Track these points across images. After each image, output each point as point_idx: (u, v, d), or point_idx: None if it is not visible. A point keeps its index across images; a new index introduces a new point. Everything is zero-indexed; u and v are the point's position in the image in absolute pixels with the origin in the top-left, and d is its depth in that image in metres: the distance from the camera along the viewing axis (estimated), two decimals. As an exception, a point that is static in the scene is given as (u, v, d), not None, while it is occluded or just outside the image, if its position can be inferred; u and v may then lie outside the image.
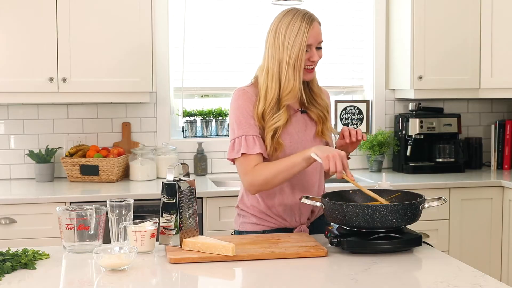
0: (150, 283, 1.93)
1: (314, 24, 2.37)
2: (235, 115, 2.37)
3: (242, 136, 2.34)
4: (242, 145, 2.33)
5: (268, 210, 2.43)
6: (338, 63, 4.45)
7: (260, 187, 2.34)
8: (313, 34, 2.36)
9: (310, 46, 2.36)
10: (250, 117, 2.36)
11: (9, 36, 3.65)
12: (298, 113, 2.45)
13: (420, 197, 2.20)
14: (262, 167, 2.32)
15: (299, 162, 2.28)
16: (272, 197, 2.42)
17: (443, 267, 2.00)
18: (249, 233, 2.45)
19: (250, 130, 2.34)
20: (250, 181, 2.34)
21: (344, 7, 4.42)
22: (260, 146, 2.33)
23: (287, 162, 2.30)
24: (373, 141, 4.19)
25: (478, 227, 3.86)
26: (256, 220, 2.45)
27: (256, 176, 2.32)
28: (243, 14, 4.28)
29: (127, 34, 3.75)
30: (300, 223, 2.45)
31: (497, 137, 4.38)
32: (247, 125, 2.35)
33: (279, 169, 2.29)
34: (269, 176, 2.30)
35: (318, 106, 2.46)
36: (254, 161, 2.33)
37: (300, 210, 2.44)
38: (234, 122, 2.37)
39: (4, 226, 3.37)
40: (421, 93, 4.10)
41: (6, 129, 4.01)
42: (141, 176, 3.90)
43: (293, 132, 2.41)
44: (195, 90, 4.28)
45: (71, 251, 2.15)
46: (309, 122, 2.46)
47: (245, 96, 2.39)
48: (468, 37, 4.09)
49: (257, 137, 2.35)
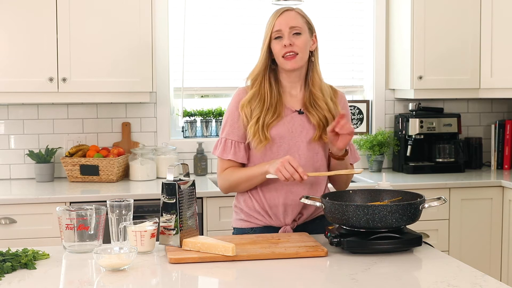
0: (150, 283, 1.93)
1: (284, 12, 2.41)
2: (225, 115, 2.50)
3: (223, 138, 2.46)
4: (220, 148, 2.45)
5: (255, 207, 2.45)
6: (338, 63, 4.45)
7: (227, 191, 2.50)
8: (281, 20, 2.39)
9: (280, 32, 2.38)
10: (236, 120, 2.43)
11: (9, 36, 3.65)
12: (295, 113, 2.44)
13: (420, 197, 2.19)
14: (229, 172, 2.44)
15: (256, 175, 2.38)
16: (260, 195, 2.44)
17: (443, 267, 2.00)
18: (240, 229, 2.49)
19: (231, 134, 2.44)
20: (219, 184, 2.49)
21: (344, 7, 4.42)
22: (234, 153, 2.43)
23: (248, 173, 2.40)
24: (373, 141, 4.19)
25: (478, 227, 3.86)
26: (245, 216, 2.49)
27: (223, 181, 2.46)
28: (243, 14, 4.28)
29: (127, 34, 3.75)
30: (285, 224, 2.45)
31: (497, 137, 4.38)
32: (231, 129, 2.44)
33: (240, 179, 2.42)
34: (233, 183, 2.44)
35: (319, 109, 2.43)
36: (226, 165, 2.45)
37: (285, 211, 2.43)
38: (223, 122, 2.49)
39: (4, 226, 3.37)
40: (421, 93, 4.10)
41: (6, 129, 4.01)
42: (141, 176, 3.91)
43: (284, 132, 2.41)
44: (195, 90, 4.28)
45: (71, 251, 2.15)
46: (307, 124, 2.44)
47: (237, 98, 2.46)
48: (468, 37, 4.09)
49: (236, 143, 2.44)
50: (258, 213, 2.45)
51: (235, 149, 2.43)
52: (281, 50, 2.37)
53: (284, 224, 2.45)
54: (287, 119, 2.42)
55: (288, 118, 2.43)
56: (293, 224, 2.45)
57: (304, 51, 2.39)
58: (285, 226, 2.44)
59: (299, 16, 2.42)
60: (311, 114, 2.43)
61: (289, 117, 2.43)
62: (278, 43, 2.38)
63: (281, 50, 2.37)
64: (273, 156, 2.40)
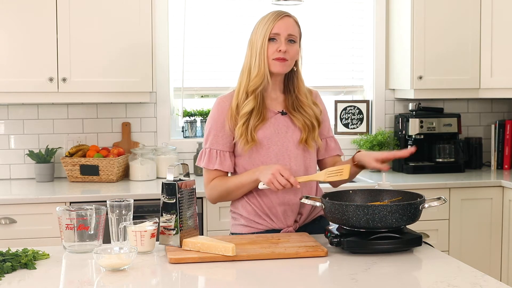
0: (150, 283, 1.93)
1: (284, 17, 2.40)
2: (207, 125, 2.48)
3: (207, 149, 2.45)
4: (205, 158, 2.44)
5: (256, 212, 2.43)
6: (338, 63, 4.45)
7: (216, 201, 2.47)
8: (281, 24, 2.38)
9: (278, 36, 2.38)
10: (219, 128, 2.42)
11: (9, 36, 3.65)
12: (278, 115, 2.45)
13: (420, 197, 2.20)
14: (217, 182, 2.42)
15: (247, 183, 2.37)
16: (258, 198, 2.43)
17: (443, 267, 2.00)
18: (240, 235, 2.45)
19: (216, 144, 2.43)
20: (208, 195, 2.47)
21: (344, 7, 4.42)
22: (220, 162, 2.42)
23: (238, 180, 2.39)
24: (373, 141, 4.19)
25: (478, 227, 3.86)
26: (245, 222, 2.46)
27: (211, 191, 2.45)
28: (243, 14, 4.28)
29: (127, 34, 3.75)
30: (287, 226, 2.44)
31: (497, 137, 4.38)
32: (215, 138, 2.43)
33: (230, 187, 2.40)
34: (223, 192, 2.43)
35: (305, 114, 2.45)
36: (212, 175, 2.44)
37: (284, 211, 2.43)
38: (205, 132, 2.48)
39: (4, 226, 3.37)
40: (421, 93, 4.10)
41: (6, 129, 4.01)
42: (141, 176, 3.91)
43: (272, 135, 2.42)
44: (195, 90, 4.28)
45: (71, 251, 2.15)
46: (292, 126, 2.45)
47: (219, 106, 2.46)
48: (468, 37, 4.09)
49: (222, 152, 2.42)
50: (259, 216, 2.44)
51: (220, 159, 2.42)
52: (274, 53, 2.38)
53: (286, 225, 2.44)
54: (271, 121, 2.43)
55: (272, 120, 2.44)
56: (295, 225, 2.45)
57: (293, 60, 2.43)
58: (287, 227, 2.44)
59: (296, 25, 2.44)
60: (295, 117, 2.44)
61: (273, 119, 2.44)
62: (272, 45, 2.38)
63: (274, 53, 2.37)
64: (263, 160, 2.39)
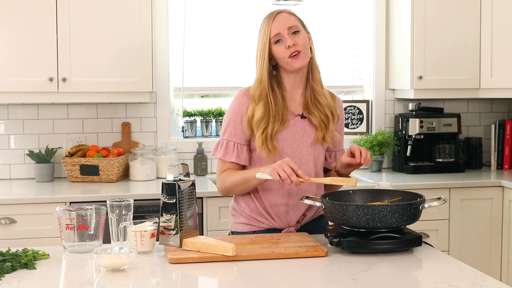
0: (150, 283, 1.93)
1: (277, 16, 2.40)
2: (227, 117, 2.44)
3: (224, 140, 2.42)
4: (222, 150, 2.41)
5: (258, 209, 2.43)
6: (338, 63, 4.45)
7: (224, 193, 2.48)
8: (277, 23, 2.38)
9: (279, 35, 2.37)
10: (239, 122, 2.40)
11: (9, 36, 3.65)
12: (297, 117, 2.43)
13: (420, 197, 2.20)
14: (227, 175, 2.41)
15: (252, 178, 2.34)
16: (262, 197, 2.43)
17: (443, 267, 2.00)
18: (241, 233, 2.46)
19: (234, 136, 2.40)
20: (218, 185, 2.47)
21: (344, 7, 4.42)
22: (237, 155, 2.39)
23: (243, 175, 2.37)
24: (373, 141, 4.19)
25: (478, 227, 3.86)
26: (246, 219, 2.46)
27: (221, 183, 2.45)
28: (243, 14, 4.28)
29: (127, 34, 3.75)
30: (288, 225, 2.44)
31: (497, 137, 4.38)
32: (233, 131, 2.40)
33: (235, 182, 2.39)
34: (229, 185, 2.42)
35: (320, 108, 2.42)
36: (225, 167, 2.43)
37: (287, 212, 2.43)
38: (224, 123, 2.45)
39: (4, 226, 3.37)
40: (421, 93, 4.10)
41: (6, 129, 4.01)
42: (141, 176, 3.91)
43: (289, 137, 2.40)
44: (195, 90, 4.28)
45: (71, 251, 2.15)
46: (309, 127, 2.43)
47: (241, 99, 2.42)
48: (468, 37, 4.09)
49: (239, 145, 2.40)
50: (261, 215, 2.44)
51: (238, 151, 2.40)
52: (285, 52, 2.35)
53: (287, 226, 2.44)
54: (291, 123, 2.41)
55: (291, 122, 2.42)
56: (296, 226, 2.45)
57: (306, 47, 2.38)
58: (289, 227, 2.43)
59: (292, 15, 2.42)
60: (313, 115, 2.42)
61: (292, 121, 2.42)
62: (280, 46, 2.36)
63: (285, 52, 2.35)
64: (275, 159, 2.37)
